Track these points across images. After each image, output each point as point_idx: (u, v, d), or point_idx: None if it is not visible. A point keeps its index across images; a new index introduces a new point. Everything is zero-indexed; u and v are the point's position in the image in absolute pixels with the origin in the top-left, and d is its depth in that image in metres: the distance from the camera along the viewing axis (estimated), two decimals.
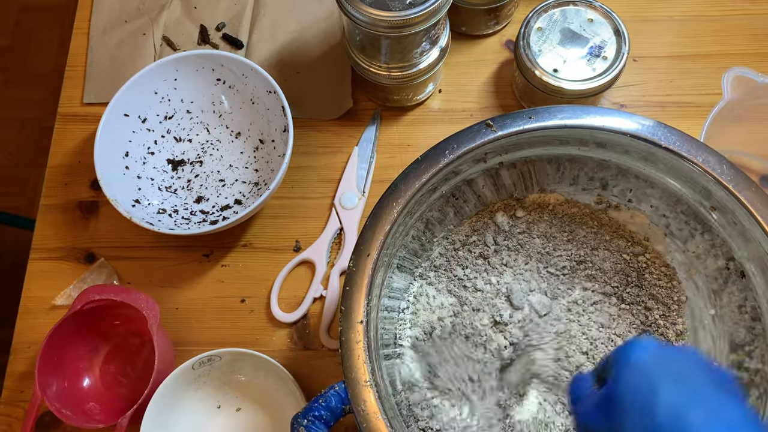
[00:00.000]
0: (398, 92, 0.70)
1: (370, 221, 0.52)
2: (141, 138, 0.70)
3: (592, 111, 0.54)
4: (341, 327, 0.49)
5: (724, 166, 0.51)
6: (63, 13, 1.64)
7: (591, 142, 0.56)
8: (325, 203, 0.70)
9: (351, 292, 0.50)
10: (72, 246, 0.70)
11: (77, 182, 0.73)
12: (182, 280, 0.68)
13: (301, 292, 0.67)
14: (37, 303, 0.68)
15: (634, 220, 0.61)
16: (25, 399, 0.65)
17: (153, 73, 0.69)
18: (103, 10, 0.79)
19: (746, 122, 0.66)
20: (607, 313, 0.59)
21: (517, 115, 0.54)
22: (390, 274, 0.57)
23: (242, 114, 0.72)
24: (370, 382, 0.47)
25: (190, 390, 0.62)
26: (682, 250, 0.59)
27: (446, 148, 0.54)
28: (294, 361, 0.64)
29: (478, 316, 0.59)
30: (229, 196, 0.70)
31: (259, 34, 0.76)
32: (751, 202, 0.50)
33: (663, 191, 0.57)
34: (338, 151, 0.72)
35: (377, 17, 0.58)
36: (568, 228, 0.62)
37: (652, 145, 0.53)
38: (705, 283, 0.58)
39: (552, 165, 0.60)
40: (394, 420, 0.48)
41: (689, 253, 0.59)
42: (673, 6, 0.76)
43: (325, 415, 0.47)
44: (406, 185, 0.53)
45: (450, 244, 0.62)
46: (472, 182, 0.60)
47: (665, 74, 0.73)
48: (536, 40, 0.66)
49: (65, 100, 0.76)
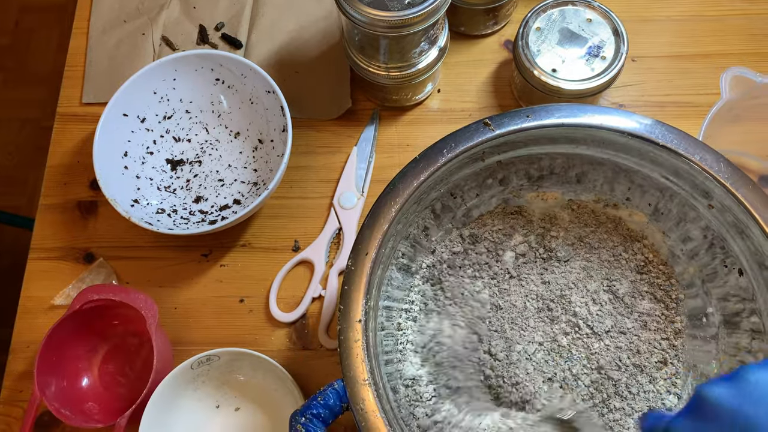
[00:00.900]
0: (397, 92, 0.70)
1: (368, 220, 0.52)
2: (140, 138, 0.70)
3: (590, 110, 0.54)
4: (340, 326, 0.49)
5: (722, 164, 0.51)
6: (62, 13, 1.64)
7: (589, 141, 0.56)
8: (324, 203, 0.70)
9: (349, 291, 0.50)
10: (71, 246, 0.70)
11: (76, 182, 0.73)
12: (181, 280, 0.68)
13: (299, 292, 0.67)
14: (36, 303, 0.68)
15: (632, 219, 0.61)
16: (24, 399, 0.65)
17: (152, 72, 0.69)
18: (102, 10, 0.79)
19: (745, 122, 0.66)
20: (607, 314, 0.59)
21: (515, 113, 0.54)
22: (390, 275, 0.57)
23: (241, 114, 0.72)
24: (369, 380, 0.47)
25: (189, 390, 0.62)
26: (680, 249, 0.59)
27: (444, 147, 0.54)
28: (293, 360, 0.64)
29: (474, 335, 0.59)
30: (228, 196, 0.70)
31: (258, 34, 0.77)
32: (749, 200, 0.50)
33: (661, 190, 0.57)
34: (337, 150, 0.72)
35: (376, 17, 0.58)
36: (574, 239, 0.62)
37: (649, 143, 0.53)
38: (703, 281, 0.58)
39: (548, 164, 0.60)
40: (392, 418, 0.48)
41: (687, 251, 0.59)
42: (672, 6, 0.76)
43: (324, 413, 0.47)
44: (404, 184, 0.53)
45: (447, 248, 0.62)
46: (471, 181, 0.60)
47: (664, 74, 0.73)
48: (535, 40, 0.66)
49: (64, 99, 0.76)
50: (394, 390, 0.55)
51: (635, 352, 0.58)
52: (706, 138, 0.62)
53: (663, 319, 0.59)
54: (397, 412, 0.51)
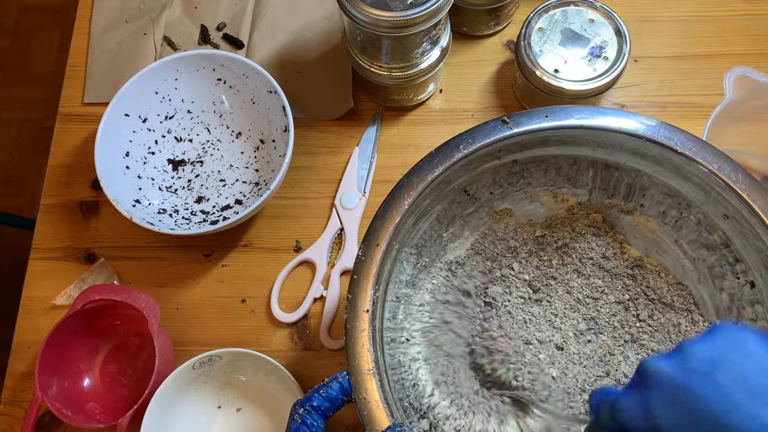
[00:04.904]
0: (399, 92, 0.70)
1: (381, 211, 0.52)
2: (141, 138, 0.70)
3: (608, 112, 0.53)
4: (347, 315, 0.49)
5: (740, 175, 0.51)
6: (63, 13, 1.64)
7: (605, 144, 0.55)
8: (326, 203, 0.70)
9: (358, 281, 0.50)
10: (72, 246, 0.70)
11: (78, 182, 0.73)
12: (182, 280, 0.68)
13: (301, 293, 0.67)
14: (38, 303, 0.68)
15: (646, 225, 0.61)
16: (25, 399, 0.65)
17: (153, 72, 0.69)
18: (104, 10, 0.79)
19: (748, 122, 0.66)
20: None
21: (534, 113, 0.54)
22: (401, 268, 0.56)
23: (243, 114, 0.72)
24: (373, 370, 0.47)
25: (191, 390, 0.62)
26: (692, 258, 0.59)
27: (460, 143, 0.53)
28: (294, 361, 0.64)
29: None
30: (229, 196, 0.70)
31: (259, 34, 0.76)
32: (766, 212, 0.50)
33: (675, 197, 0.57)
34: (339, 151, 0.72)
35: (378, 17, 0.58)
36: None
37: (666, 149, 0.52)
38: (713, 293, 0.58)
39: (565, 165, 0.59)
40: (395, 409, 0.47)
41: (698, 261, 0.58)
42: (674, 6, 0.76)
43: (324, 406, 0.47)
44: (419, 178, 0.53)
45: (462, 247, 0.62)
46: (485, 178, 0.59)
47: (666, 74, 0.73)
48: (537, 41, 0.66)
49: (66, 99, 0.76)
50: (397, 381, 0.55)
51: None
52: (710, 138, 0.62)
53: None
54: (399, 403, 0.51)
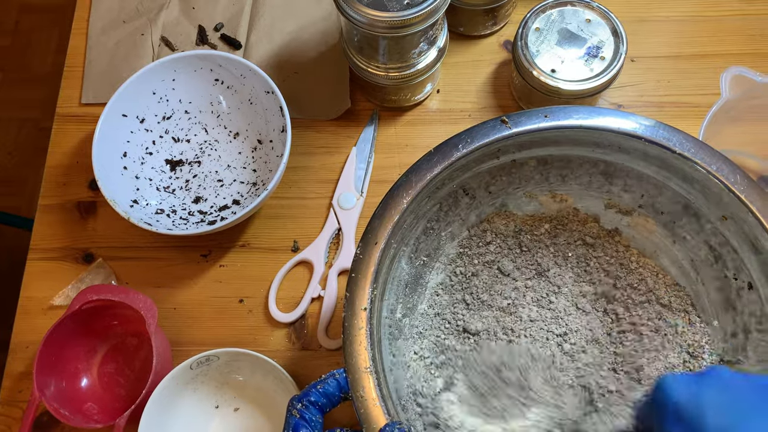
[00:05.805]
0: (396, 92, 0.70)
1: (379, 210, 0.52)
2: (139, 138, 0.70)
3: (607, 113, 0.53)
4: (345, 313, 0.49)
5: (738, 176, 0.51)
6: (61, 13, 1.64)
7: (604, 144, 0.55)
8: (323, 203, 0.70)
9: (356, 279, 0.50)
10: (70, 246, 0.70)
11: (75, 182, 0.73)
12: (180, 281, 0.68)
13: (299, 293, 0.67)
14: (36, 303, 0.68)
15: (644, 226, 0.61)
16: (23, 399, 0.65)
17: (151, 73, 0.69)
18: (102, 11, 0.79)
19: (744, 122, 0.66)
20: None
21: (533, 113, 0.54)
22: (399, 267, 0.56)
23: (240, 114, 0.72)
24: (371, 368, 0.47)
25: (188, 390, 0.62)
26: (690, 259, 0.59)
27: (459, 143, 0.53)
28: (292, 361, 0.64)
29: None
30: (227, 197, 0.70)
31: (257, 34, 0.77)
32: (764, 214, 0.50)
33: (673, 197, 0.57)
34: (336, 151, 0.72)
35: (375, 18, 0.58)
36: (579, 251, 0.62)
37: (665, 150, 0.52)
38: (711, 294, 0.58)
39: (563, 166, 0.59)
40: (391, 407, 0.47)
41: (696, 262, 0.58)
42: (671, 6, 0.76)
43: (321, 401, 0.47)
44: (418, 177, 0.52)
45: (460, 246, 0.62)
46: (484, 177, 0.59)
47: (663, 74, 0.73)
48: (534, 41, 0.66)
49: (63, 100, 0.76)
50: (398, 380, 0.55)
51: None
52: (707, 138, 0.62)
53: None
54: (397, 401, 0.51)
